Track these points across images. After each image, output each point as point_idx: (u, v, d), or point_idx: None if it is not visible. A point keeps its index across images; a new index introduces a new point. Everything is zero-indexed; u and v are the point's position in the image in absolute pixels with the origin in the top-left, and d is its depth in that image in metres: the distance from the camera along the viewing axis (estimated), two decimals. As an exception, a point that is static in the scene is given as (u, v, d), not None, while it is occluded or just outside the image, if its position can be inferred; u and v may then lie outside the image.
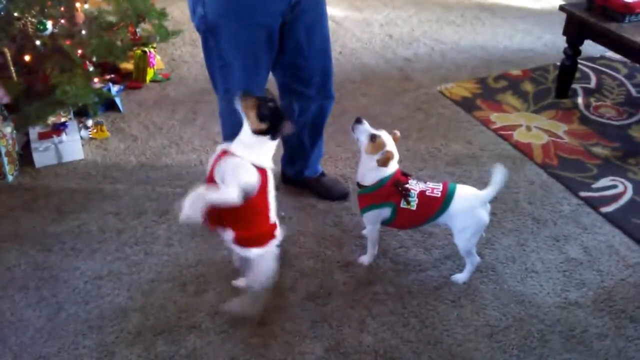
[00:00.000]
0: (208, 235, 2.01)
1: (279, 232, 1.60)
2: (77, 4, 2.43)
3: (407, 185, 1.72)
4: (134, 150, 2.46)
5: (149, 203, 2.16)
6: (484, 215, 1.71)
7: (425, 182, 1.77)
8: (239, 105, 1.50)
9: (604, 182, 2.25)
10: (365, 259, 1.90)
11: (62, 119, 2.43)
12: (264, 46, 1.72)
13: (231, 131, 1.86)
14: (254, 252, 1.55)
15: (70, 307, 1.75)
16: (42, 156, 2.34)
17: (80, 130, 2.49)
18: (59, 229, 2.04)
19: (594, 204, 2.14)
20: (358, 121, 1.75)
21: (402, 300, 1.77)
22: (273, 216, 1.58)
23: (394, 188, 1.72)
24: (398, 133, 1.78)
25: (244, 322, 1.69)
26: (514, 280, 1.84)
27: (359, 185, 1.78)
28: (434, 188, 1.73)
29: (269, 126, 1.49)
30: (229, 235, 1.55)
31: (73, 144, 2.38)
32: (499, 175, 1.66)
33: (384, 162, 1.70)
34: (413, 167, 2.33)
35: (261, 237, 1.56)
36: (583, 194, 2.19)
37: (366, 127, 1.74)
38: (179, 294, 1.79)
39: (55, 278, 1.85)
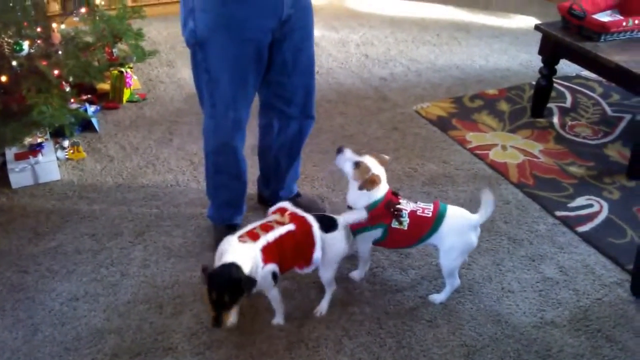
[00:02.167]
0: (184, 256, 2.00)
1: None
2: (54, 25, 2.43)
3: (399, 206, 1.74)
4: (111, 170, 2.44)
5: (125, 224, 2.14)
6: (473, 238, 1.73)
7: (416, 202, 1.78)
8: None
9: (580, 201, 2.27)
10: (356, 275, 1.91)
11: (39, 140, 2.41)
12: (252, 62, 1.73)
13: (214, 147, 1.89)
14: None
15: (46, 329, 1.73)
16: (19, 177, 2.31)
17: (56, 150, 2.47)
18: (35, 250, 2.02)
19: (569, 224, 2.16)
20: (339, 151, 1.77)
21: (378, 321, 1.76)
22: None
23: (386, 210, 1.73)
24: (387, 157, 1.80)
25: (220, 344, 1.67)
26: (490, 300, 1.84)
27: (350, 209, 1.79)
28: (425, 208, 1.75)
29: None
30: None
31: (49, 165, 2.36)
32: (488, 199, 1.70)
33: (367, 185, 1.71)
34: (390, 187, 2.34)
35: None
36: (559, 213, 2.21)
37: (348, 156, 1.76)
38: (156, 315, 1.77)
39: (32, 299, 1.82)
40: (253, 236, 1.60)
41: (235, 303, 1.50)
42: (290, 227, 1.64)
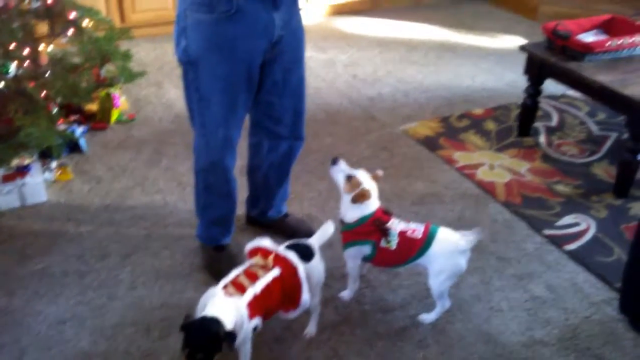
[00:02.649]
0: (172, 278, 1.99)
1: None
2: (42, 46, 2.43)
3: (387, 225, 1.74)
4: (98, 191, 2.43)
5: (113, 245, 2.13)
6: (462, 262, 1.74)
7: (408, 222, 1.79)
8: None
9: (567, 219, 2.29)
10: (346, 295, 1.90)
11: (26, 161, 2.40)
12: (243, 82, 1.74)
13: (204, 166, 1.89)
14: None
15: (33, 352, 1.70)
16: (5, 199, 2.30)
17: (44, 172, 2.45)
18: (22, 273, 2.00)
19: (557, 242, 2.17)
20: (334, 162, 1.80)
21: (368, 342, 1.75)
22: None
23: (374, 227, 1.74)
24: (380, 172, 1.82)
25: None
26: (479, 319, 1.84)
27: (342, 222, 1.81)
28: (415, 229, 1.75)
29: None
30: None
31: (36, 187, 2.35)
32: (478, 229, 1.74)
33: (357, 198, 1.73)
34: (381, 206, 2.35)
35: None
36: (546, 232, 2.22)
37: (342, 167, 1.79)
38: (143, 338, 1.75)
39: (18, 323, 1.80)
40: (238, 287, 1.54)
41: None
42: (276, 272, 1.59)
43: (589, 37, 2.61)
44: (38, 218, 2.27)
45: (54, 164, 2.50)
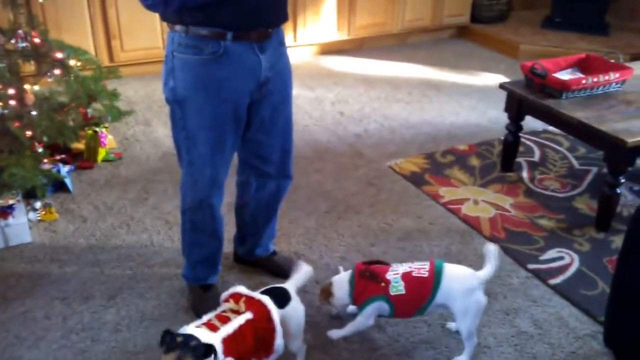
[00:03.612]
0: (158, 319, 1.96)
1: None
2: (27, 86, 2.45)
3: (372, 268, 1.76)
4: (83, 231, 2.41)
5: (97, 286, 2.10)
6: (481, 297, 1.74)
7: (412, 263, 1.80)
8: None
9: (551, 253, 2.31)
10: (334, 334, 1.83)
11: (10, 202, 2.37)
12: (230, 122, 1.76)
13: (191, 205, 1.89)
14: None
15: (12, 401, 1.65)
16: (-13, 240, 2.26)
17: (28, 212, 2.43)
18: (3, 316, 1.95)
19: (542, 276, 2.18)
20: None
21: (356, 382, 1.74)
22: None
23: (366, 280, 1.75)
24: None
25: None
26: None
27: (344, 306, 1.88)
28: (420, 268, 1.76)
29: None
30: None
31: (20, 227, 2.32)
32: (493, 254, 1.74)
33: (323, 298, 1.83)
34: (365, 243, 2.36)
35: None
36: (531, 266, 2.24)
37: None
38: (126, 383, 1.71)
39: (-2, 369, 1.76)
40: (211, 327, 1.52)
41: None
42: (248, 315, 1.57)
43: (565, 76, 2.69)
44: (21, 259, 2.24)
45: (38, 204, 2.47)
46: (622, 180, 2.38)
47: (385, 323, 1.95)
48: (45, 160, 2.49)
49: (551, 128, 3.15)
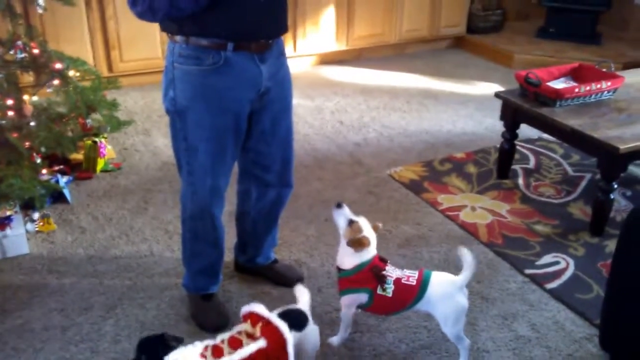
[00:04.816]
0: (157, 329, 1.95)
1: None
2: (26, 96, 2.45)
3: (384, 272, 1.76)
4: (82, 242, 2.41)
5: (96, 297, 2.10)
6: (463, 300, 1.75)
7: (402, 270, 1.81)
8: None
9: (547, 259, 2.33)
10: (335, 340, 1.89)
11: (7, 213, 2.37)
12: (230, 132, 1.77)
13: (192, 214, 1.89)
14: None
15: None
16: (-15, 252, 2.26)
17: (25, 223, 2.43)
18: (0, 328, 1.95)
19: (538, 281, 2.20)
20: (338, 206, 1.81)
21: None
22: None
23: (371, 274, 1.75)
24: (380, 225, 1.84)
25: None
26: (467, 361, 1.85)
27: (338, 269, 1.82)
28: (410, 276, 1.77)
29: None
30: None
31: (18, 238, 2.32)
32: (467, 257, 1.74)
33: (354, 243, 1.74)
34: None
35: None
36: (528, 271, 2.26)
37: (345, 212, 1.80)
38: (126, 394, 1.71)
39: (-5, 382, 1.75)
40: (217, 353, 1.49)
41: None
42: (262, 343, 1.51)
43: (558, 84, 2.72)
44: (19, 271, 2.23)
45: (36, 215, 2.47)
46: (615, 186, 2.41)
47: (385, 329, 1.95)
48: (44, 171, 2.48)
49: (546, 136, 3.18)
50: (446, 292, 1.74)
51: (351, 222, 1.78)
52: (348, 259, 1.78)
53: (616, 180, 2.40)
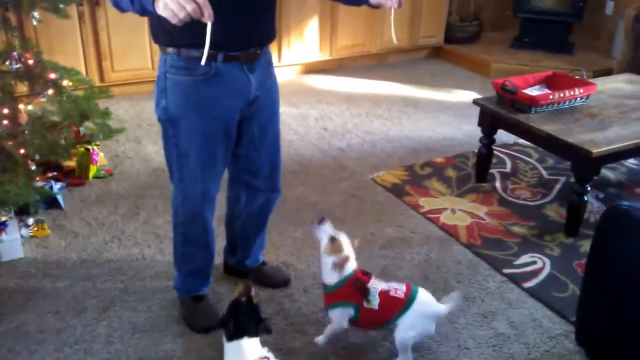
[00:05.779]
0: (150, 331, 2.01)
1: None
2: (21, 105, 2.50)
3: (367, 285, 1.82)
4: (75, 247, 2.45)
5: (90, 300, 2.14)
6: (432, 327, 1.85)
7: (388, 282, 1.87)
8: None
9: (524, 258, 2.43)
10: (321, 340, 1.94)
11: (3, 218, 2.40)
12: (220, 139, 1.81)
13: (183, 219, 1.94)
14: None
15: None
16: (-20, 256, 2.29)
17: (20, 228, 2.47)
18: (-4, 331, 1.98)
19: (516, 280, 2.30)
20: (321, 221, 1.86)
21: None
22: None
23: (354, 287, 1.80)
24: (357, 241, 1.92)
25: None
26: (448, 357, 1.93)
27: (323, 284, 1.88)
28: (397, 289, 1.83)
29: None
30: None
31: (12, 243, 2.35)
32: (456, 297, 1.87)
33: (339, 266, 1.81)
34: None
35: None
36: (506, 270, 2.36)
37: (327, 228, 1.86)
38: (120, 393, 1.75)
39: (-9, 384, 1.78)
40: None
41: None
42: None
43: (533, 92, 2.83)
44: (14, 275, 2.27)
45: (30, 221, 2.51)
46: (589, 189, 2.51)
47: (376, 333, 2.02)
48: (38, 178, 2.52)
49: (521, 141, 3.29)
50: (424, 313, 1.82)
51: (332, 239, 1.83)
52: (329, 275, 1.84)
53: (589, 183, 2.50)
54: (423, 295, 1.84)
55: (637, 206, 1.74)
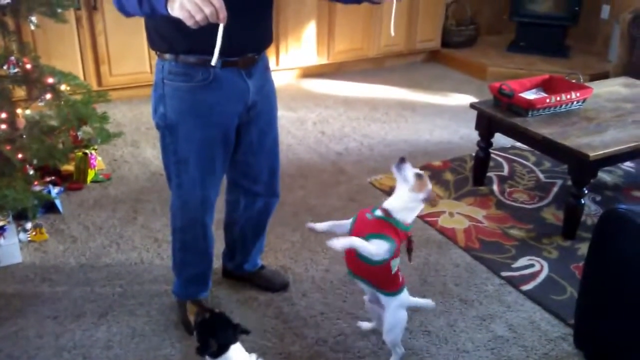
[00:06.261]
0: (148, 335, 2.01)
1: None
2: (19, 110, 2.50)
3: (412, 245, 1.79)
4: (73, 251, 2.45)
5: (88, 304, 2.14)
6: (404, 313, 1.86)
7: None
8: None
9: (522, 261, 2.44)
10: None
11: (1, 223, 2.40)
12: (219, 145, 1.81)
13: (182, 224, 1.94)
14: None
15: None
16: (-22, 261, 2.29)
17: (18, 233, 2.47)
18: (-6, 336, 1.98)
19: (514, 283, 2.31)
20: (402, 161, 1.77)
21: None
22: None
23: (406, 239, 1.75)
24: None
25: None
26: (447, 360, 1.94)
27: (405, 224, 1.72)
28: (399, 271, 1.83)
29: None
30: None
31: (11, 248, 2.35)
32: (429, 303, 1.94)
33: (433, 201, 1.75)
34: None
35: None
36: (504, 273, 2.37)
37: (410, 166, 1.77)
38: (119, 398, 1.75)
39: (-11, 389, 1.78)
40: None
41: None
42: None
43: (530, 95, 2.85)
44: (12, 280, 2.26)
45: (29, 225, 2.51)
46: (586, 192, 2.53)
47: (370, 332, 2.03)
48: (36, 182, 2.52)
49: (519, 144, 3.30)
50: (399, 304, 1.82)
51: (419, 175, 1.72)
52: (407, 212, 1.72)
53: (586, 186, 2.52)
54: (405, 295, 1.86)
55: (634, 209, 1.76)
